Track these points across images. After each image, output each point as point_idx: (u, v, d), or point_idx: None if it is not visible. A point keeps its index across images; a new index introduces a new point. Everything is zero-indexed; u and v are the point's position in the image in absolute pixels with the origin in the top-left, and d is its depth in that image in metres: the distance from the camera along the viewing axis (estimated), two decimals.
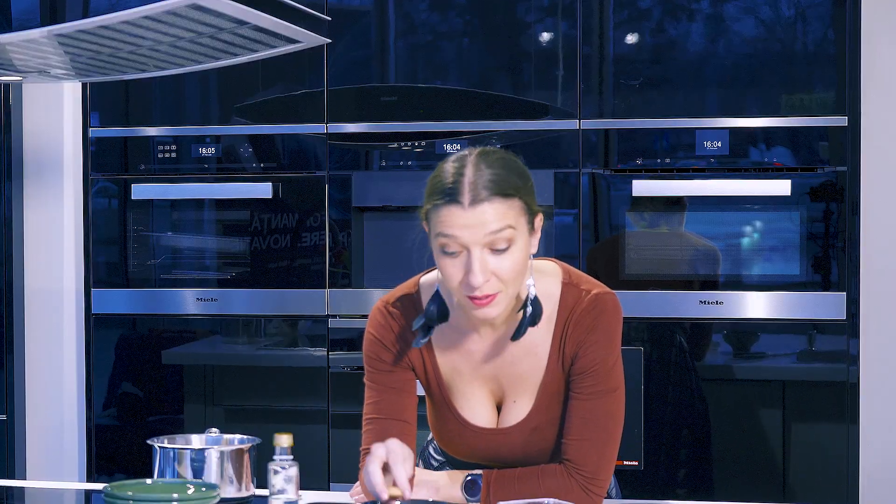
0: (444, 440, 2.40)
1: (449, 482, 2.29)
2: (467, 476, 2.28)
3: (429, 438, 2.56)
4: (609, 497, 2.45)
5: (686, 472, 3.82)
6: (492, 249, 2.13)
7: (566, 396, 2.30)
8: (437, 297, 2.29)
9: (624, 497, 2.71)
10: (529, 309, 2.23)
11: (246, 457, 2.40)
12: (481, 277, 2.11)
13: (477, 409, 2.34)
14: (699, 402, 3.81)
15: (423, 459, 2.56)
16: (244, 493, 2.40)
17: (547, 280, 2.29)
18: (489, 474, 2.27)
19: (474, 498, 2.26)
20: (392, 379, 2.34)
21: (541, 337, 2.29)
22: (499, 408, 2.36)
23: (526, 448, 2.33)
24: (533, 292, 2.23)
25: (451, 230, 2.12)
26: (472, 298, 2.15)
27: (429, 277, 2.35)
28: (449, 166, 2.17)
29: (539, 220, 2.20)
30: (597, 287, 2.30)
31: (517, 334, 2.24)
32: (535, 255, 2.26)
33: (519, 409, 2.32)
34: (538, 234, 2.21)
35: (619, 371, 2.29)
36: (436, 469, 2.49)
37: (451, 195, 2.12)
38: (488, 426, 2.34)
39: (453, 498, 2.27)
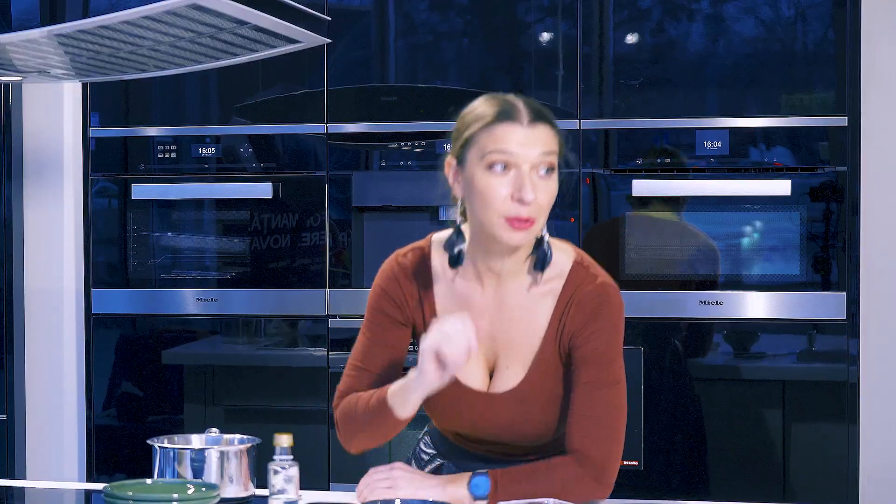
0: (432, 403, 2.37)
1: (454, 482, 2.27)
2: (473, 475, 2.26)
3: (420, 435, 2.56)
4: None
5: (686, 472, 3.82)
6: (537, 173, 2.20)
7: (566, 384, 2.30)
8: (449, 240, 2.32)
9: (624, 497, 2.71)
10: (547, 252, 2.28)
11: (246, 457, 2.40)
12: (532, 193, 2.17)
13: (470, 370, 2.33)
14: (699, 402, 3.81)
15: (414, 457, 2.55)
16: (244, 493, 2.40)
17: (559, 254, 2.32)
18: (496, 472, 2.26)
19: (481, 496, 2.24)
20: (387, 335, 2.37)
21: (543, 307, 2.31)
22: (491, 376, 2.36)
23: (512, 420, 2.32)
24: (547, 236, 2.28)
25: (507, 146, 2.20)
26: (512, 220, 2.19)
27: (441, 235, 2.39)
28: (486, 99, 2.27)
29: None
30: (605, 276, 2.33)
31: (538, 265, 2.28)
32: None
33: (510, 377, 2.32)
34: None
35: (622, 365, 2.31)
36: (426, 462, 2.48)
37: (507, 115, 2.22)
38: (479, 389, 2.34)
39: (459, 499, 2.26)
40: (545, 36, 3.90)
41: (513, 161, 2.20)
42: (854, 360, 3.74)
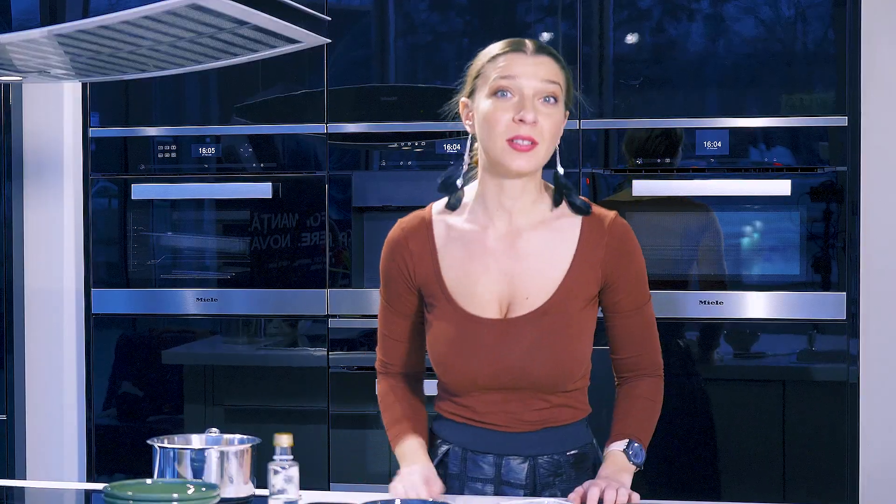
0: (444, 352, 2.42)
1: (615, 464, 2.38)
2: (626, 449, 2.38)
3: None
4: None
5: (686, 472, 3.82)
6: (540, 100, 2.34)
7: (585, 323, 2.40)
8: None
9: None
10: (583, 204, 2.45)
11: (246, 457, 2.40)
12: (533, 115, 2.31)
13: (483, 309, 2.39)
14: (699, 402, 3.81)
15: None
16: (244, 493, 2.40)
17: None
18: (628, 434, 2.40)
19: (643, 460, 2.40)
20: (402, 304, 2.50)
21: (566, 238, 2.41)
22: (508, 312, 2.41)
23: (532, 347, 2.36)
24: (562, 171, 2.44)
25: (512, 72, 2.35)
26: (514, 143, 2.31)
27: (440, 202, 2.49)
28: (498, 42, 2.41)
29: (566, 115, 2.42)
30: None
31: (575, 206, 2.44)
32: None
33: (531, 304, 2.38)
34: (564, 123, 2.41)
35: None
36: (434, 449, 2.50)
37: (513, 47, 2.38)
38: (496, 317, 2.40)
39: (627, 481, 2.36)
40: (545, 36, 3.90)
41: (516, 86, 2.33)
42: (854, 360, 3.74)
